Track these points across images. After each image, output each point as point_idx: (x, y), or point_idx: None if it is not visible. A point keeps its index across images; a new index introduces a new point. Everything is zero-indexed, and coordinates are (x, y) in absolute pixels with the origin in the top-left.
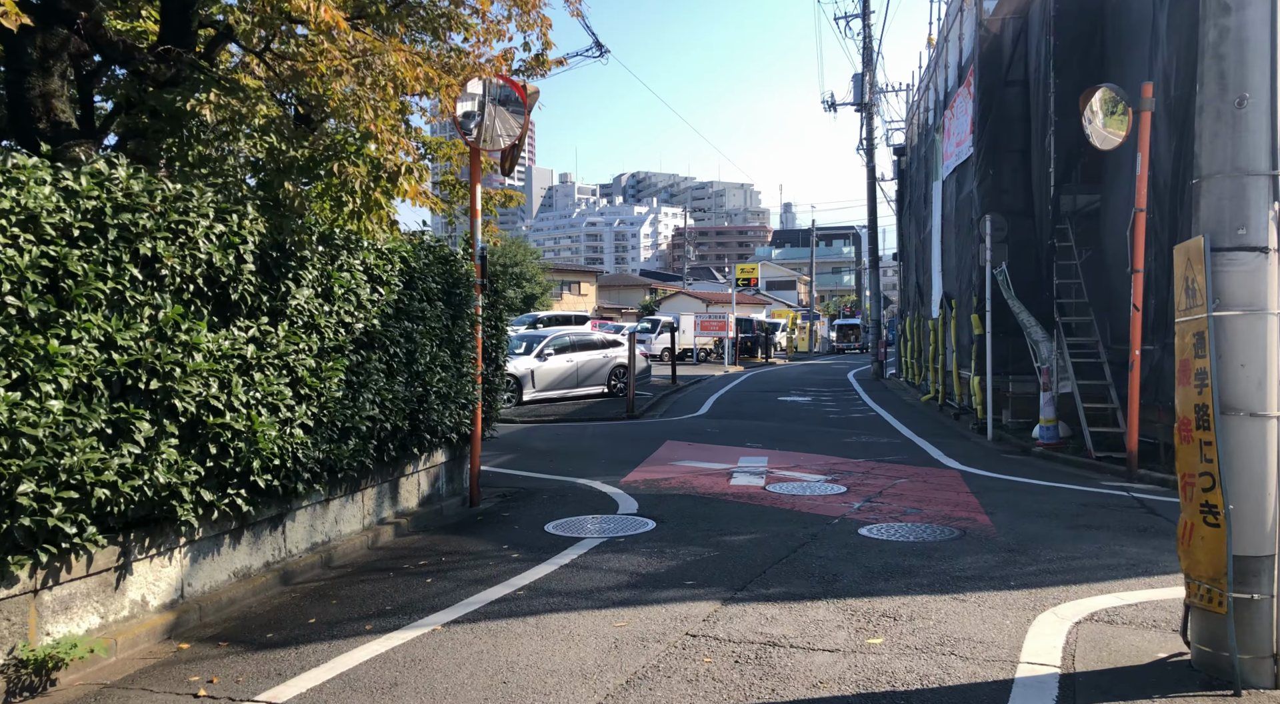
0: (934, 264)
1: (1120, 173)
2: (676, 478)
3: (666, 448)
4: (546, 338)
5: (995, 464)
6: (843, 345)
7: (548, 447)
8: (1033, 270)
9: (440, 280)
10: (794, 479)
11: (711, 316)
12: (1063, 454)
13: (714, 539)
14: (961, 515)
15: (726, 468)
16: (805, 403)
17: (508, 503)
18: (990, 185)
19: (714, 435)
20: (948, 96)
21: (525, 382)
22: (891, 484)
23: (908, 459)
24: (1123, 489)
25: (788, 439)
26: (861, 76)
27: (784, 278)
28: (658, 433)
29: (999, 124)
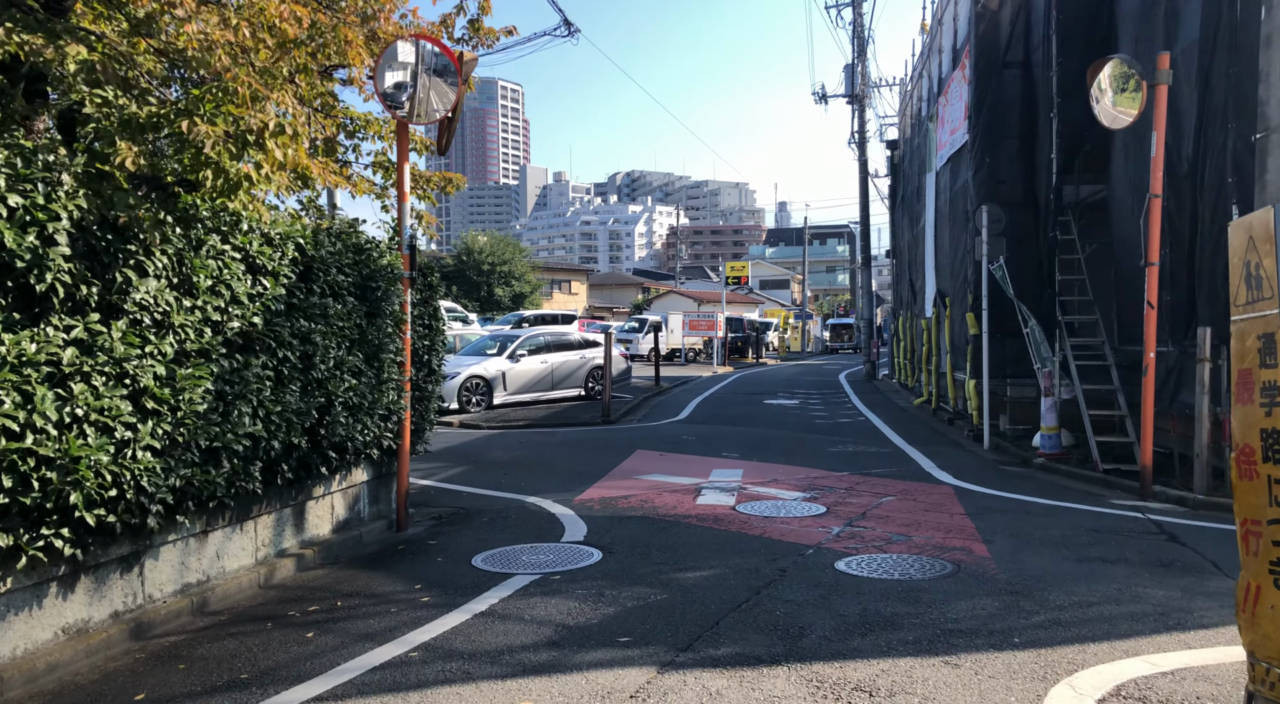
0: (927, 260)
1: (1129, 159)
2: (638, 495)
3: (635, 458)
4: (519, 338)
5: (992, 478)
6: (836, 345)
7: (506, 457)
8: (1033, 265)
9: (352, 272)
10: (769, 497)
11: (700, 316)
12: (1066, 466)
13: (666, 576)
14: (955, 544)
15: (695, 483)
16: (792, 407)
17: (440, 527)
18: (987, 174)
19: (689, 444)
20: (941, 83)
21: (496, 384)
22: (877, 503)
23: (897, 472)
24: (1137, 510)
25: (768, 448)
26: (853, 67)
27: (778, 277)
28: (629, 440)
29: (996, 108)
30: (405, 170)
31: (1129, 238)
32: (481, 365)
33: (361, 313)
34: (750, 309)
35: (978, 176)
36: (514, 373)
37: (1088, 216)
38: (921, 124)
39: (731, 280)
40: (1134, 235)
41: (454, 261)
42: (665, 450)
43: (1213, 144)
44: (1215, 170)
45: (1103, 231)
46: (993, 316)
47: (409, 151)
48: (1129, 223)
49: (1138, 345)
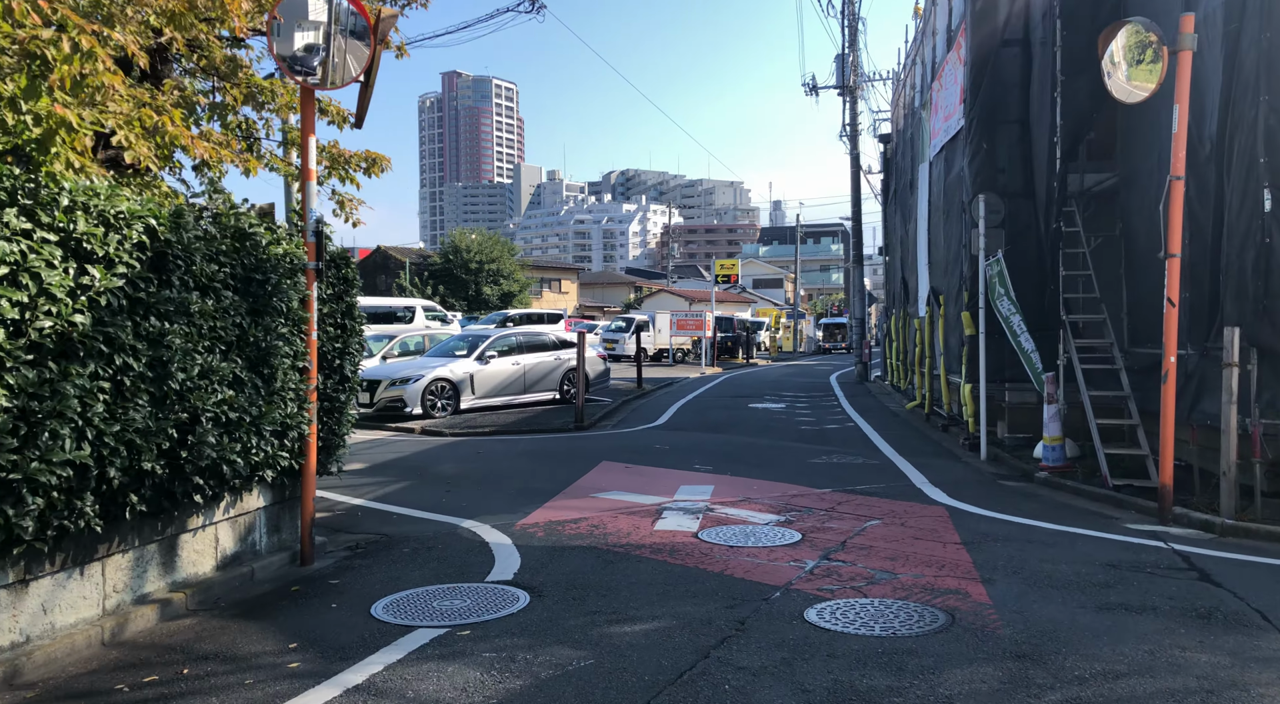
0: (920, 256)
1: (1141, 142)
2: (590, 519)
3: (598, 472)
4: (489, 338)
5: (991, 496)
6: (829, 345)
7: (457, 470)
8: (1034, 260)
9: (230, 262)
10: (737, 521)
11: (688, 315)
12: (1072, 481)
13: (598, 630)
14: (949, 585)
15: (658, 503)
16: (777, 411)
17: (353, 560)
18: (983, 161)
19: (661, 454)
20: (935, 67)
21: (463, 387)
22: (860, 529)
23: (885, 489)
24: (1156, 537)
25: (746, 459)
26: (844, 57)
27: (771, 276)
28: (598, 450)
29: (994, 90)
30: (311, 144)
31: (1140, 229)
32: (447, 367)
33: (243, 310)
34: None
35: (974, 164)
36: (483, 375)
37: (1093, 207)
38: (915, 114)
39: (721, 279)
40: (1146, 226)
41: (441, 260)
42: (633, 462)
43: (1241, 121)
44: (1244, 150)
45: (1110, 223)
46: (990, 315)
47: (314, 122)
48: (1141, 212)
49: (1151, 347)
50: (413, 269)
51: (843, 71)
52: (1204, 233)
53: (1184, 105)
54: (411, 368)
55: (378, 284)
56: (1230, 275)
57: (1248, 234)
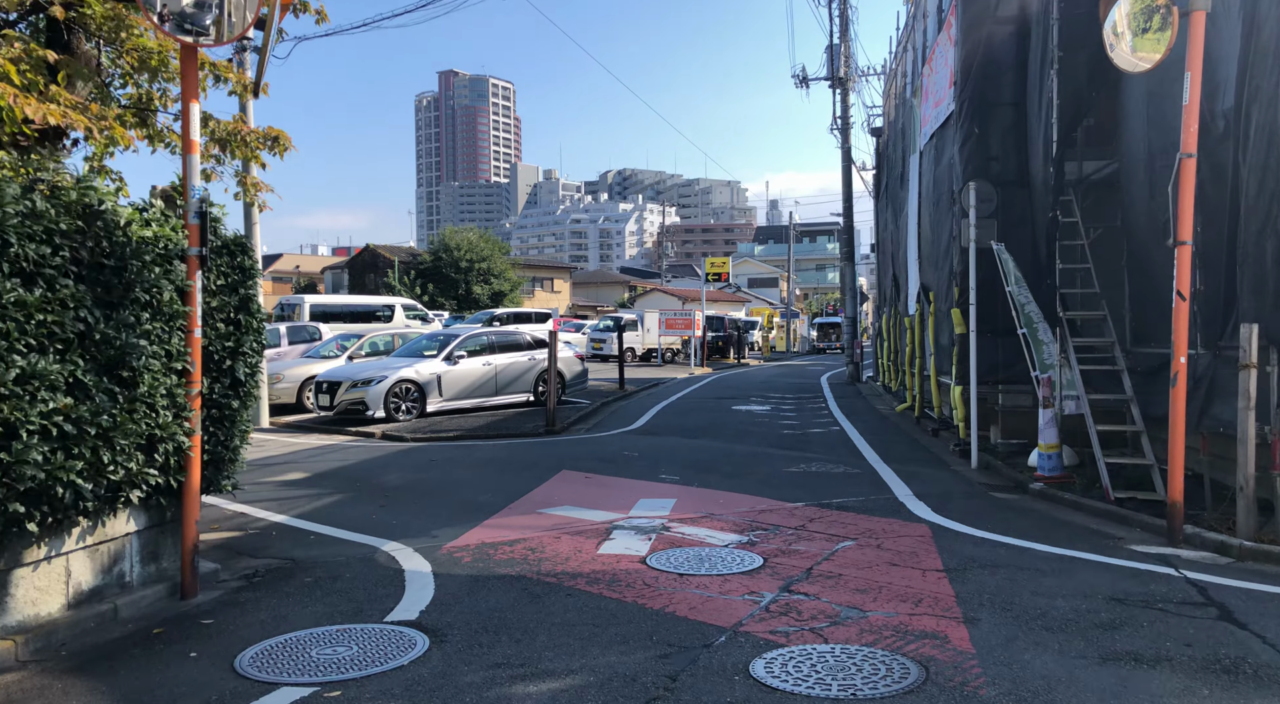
0: (909, 251)
1: (1146, 123)
2: (529, 540)
3: (554, 483)
4: (458, 337)
5: (980, 511)
6: (823, 345)
7: (402, 480)
8: (1029, 253)
9: (68, 244)
10: (694, 542)
11: (677, 314)
12: (1071, 493)
13: (496, 692)
14: (926, 627)
15: (610, 520)
16: (761, 414)
17: (240, 593)
18: (975, 147)
19: (628, 462)
20: (926, 52)
21: (429, 389)
22: (830, 552)
23: (864, 503)
24: (1166, 561)
25: (718, 468)
26: (836, 47)
27: (767, 275)
28: (562, 457)
29: (986, 70)
30: (193, 112)
31: (1144, 218)
32: (413, 368)
33: (89, 302)
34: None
35: (964, 150)
36: (451, 376)
37: (1092, 196)
38: (905, 103)
39: (712, 277)
40: (1150, 215)
41: (431, 258)
42: (597, 471)
43: (1260, 93)
44: (1263, 125)
45: (1110, 213)
46: (983, 313)
47: (196, 85)
48: (1144, 200)
49: (1155, 346)
50: (402, 268)
51: (833, 62)
52: (1217, 220)
53: (1196, 72)
54: (374, 369)
55: (367, 283)
56: (1247, 266)
57: (1267, 219)
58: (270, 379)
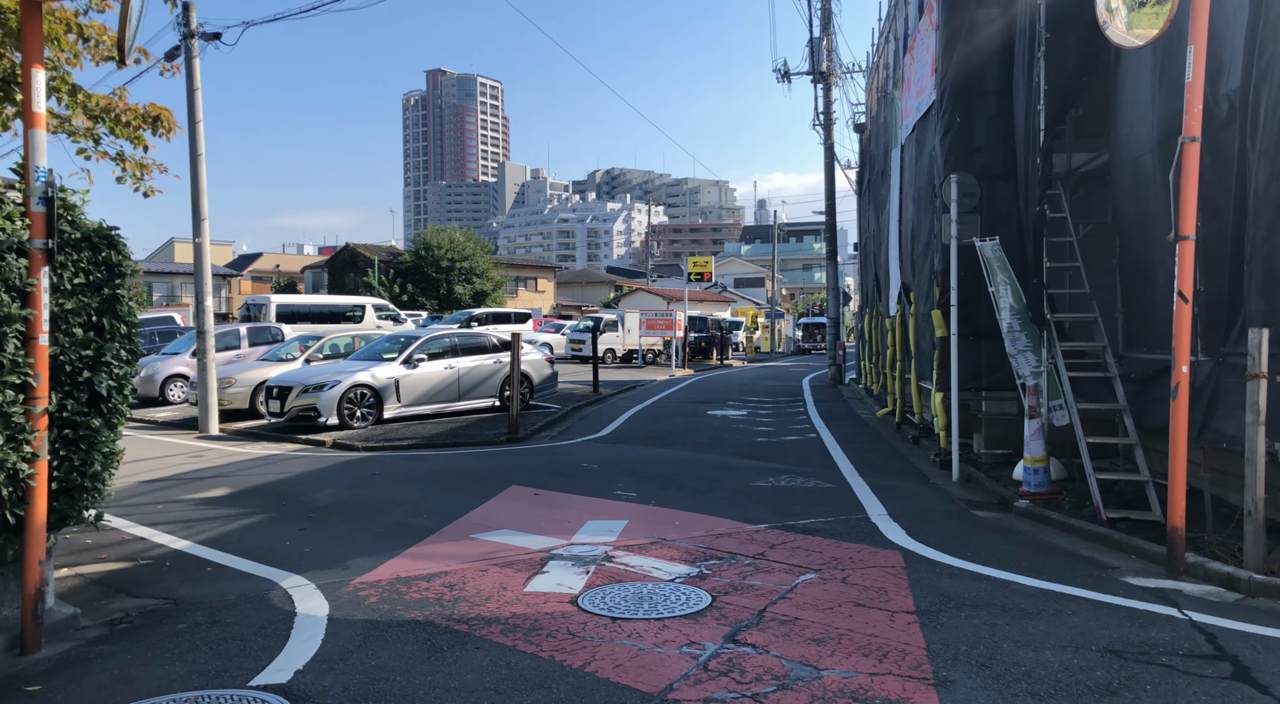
0: (890, 250)
1: (1140, 110)
2: (452, 573)
3: (500, 500)
4: (419, 339)
5: (960, 535)
6: (808, 345)
7: (334, 497)
8: (1014, 251)
9: None
10: (636, 575)
11: (658, 315)
12: (1059, 513)
13: None
14: (889, 694)
15: (548, 547)
16: (737, 419)
17: (95, 646)
18: (957, 137)
19: (585, 475)
20: (907, 39)
21: (386, 394)
22: (789, 588)
23: (832, 524)
24: (1168, 600)
25: (681, 482)
26: (817, 40)
27: (753, 275)
28: (516, 470)
29: (969, 56)
30: (36, 79)
31: (1138, 213)
32: (369, 372)
33: None
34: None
35: (946, 140)
36: (410, 381)
37: (1081, 191)
38: (887, 97)
39: (694, 276)
40: (1145, 209)
41: (411, 258)
42: (550, 486)
43: (1271, 70)
44: (1274, 106)
45: (1100, 209)
46: (965, 314)
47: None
48: (1138, 194)
49: (1150, 351)
50: (382, 267)
51: (814, 56)
52: (1221, 213)
53: (1201, 46)
54: (328, 373)
55: (346, 282)
56: (1256, 264)
57: (1278, 213)
58: (221, 383)
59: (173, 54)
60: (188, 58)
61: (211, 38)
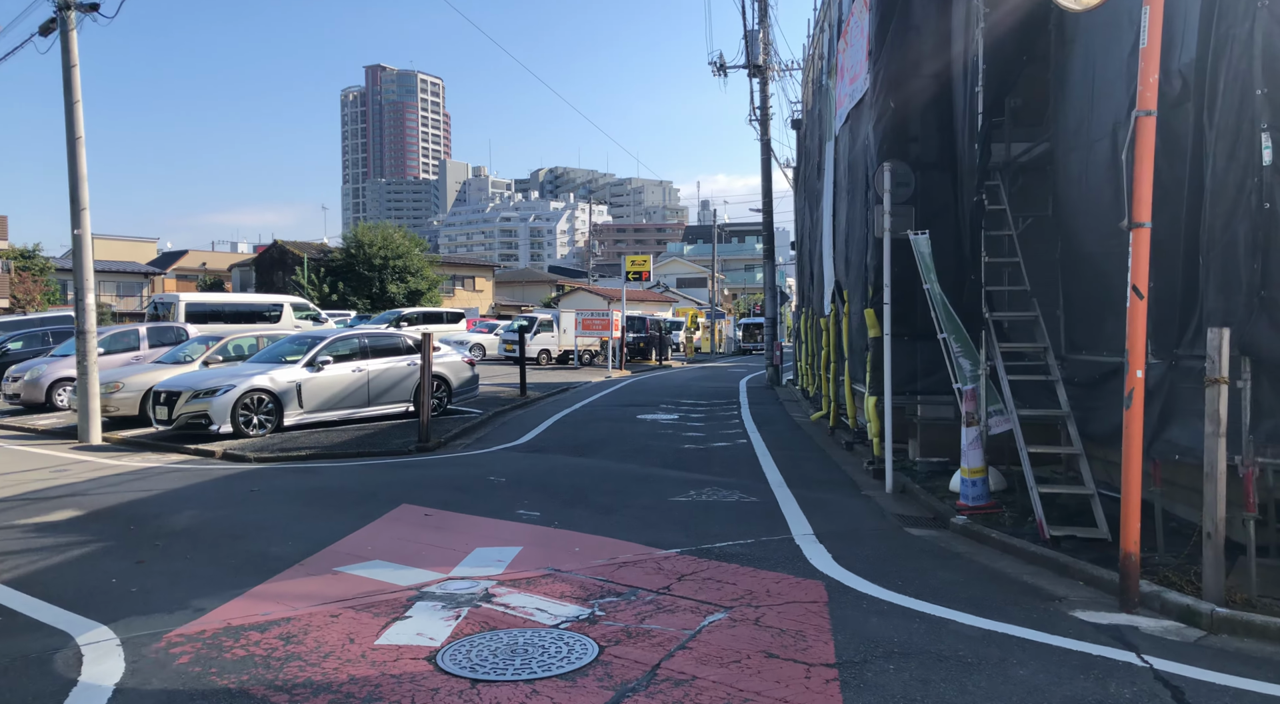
0: (824, 245)
1: (1083, 95)
2: (294, 621)
3: (383, 523)
4: (325, 340)
5: (892, 559)
6: (749, 346)
7: (194, 520)
8: (951, 247)
9: None
10: (515, 619)
11: (594, 314)
12: (999, 531)
13: None
14: None
15: (421, 584)
16: (667, 424)
17: None
18: (891, 123)
19: (489, 491)
20: (841, 23)
21: (287, 399)
22: (693, 634)
23: (753, 548)
24: (1124, 641)
25: (594, 498)
26: (753, 32)
27: (696, 275)
28: (414, 484)
29: (904, 37)
30: None
31: (1081, 205)
32: (268, 376)
33: None
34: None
35: (880, 127)
36: (315, 385)
37: (1021, 182)
38: (823, 89)
39: (632, 275)
40: (1089, 201)
41: (342, 255)
42: (446, 504)
43: (1230, 37)
44: (1234, 79)
45: (1040, 202)
46: (899, 313)
47: None
48: (1082, 184)
49: (1095, 353)
50: (312, 265)
51: (750, 48)
52: (1173, 202)
53: (1157, 6)
54: (221, 377)
55: (275, 281)
56: (1213, 255)
57: (1239, 198)
58: (106, 387)
59: (48, 28)
60: (63, 31)
61: (89, 9)
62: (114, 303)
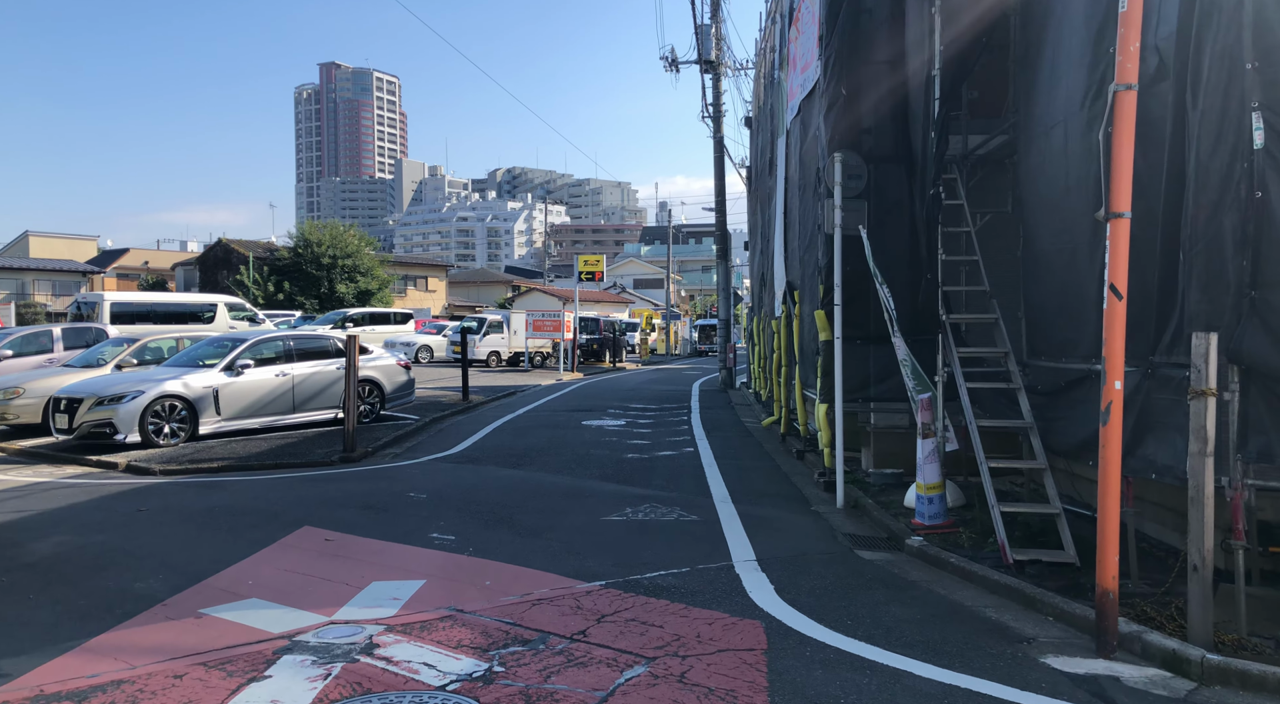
0: (775, 244)
1: (1048, 80)
2: (127, 685)
3: (275, 550)
4: (246, 342)
5: (841, 592)
6: (706, 347)
7: (58, 547)
8: (907, 245)
9: None
10: (395, 678)
11: (545, 315)
12: (958, 555)
13: None
14: None
15: (297, 629)
16: (612, 431)
17: None
18: (843, 112)
19: (404, 509)
20: (793, 10)
21: (203, 406)
22: (602, 699)
23: (685, 579)
24: (1104, 699)
25: (519, 517)
26: (705, 27)
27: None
28: (321, 502)
29: (856, 20)
30: None
31: (1046, 199)
32: (181, 381)
33: None
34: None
35: (830, 116)
36: (234, 390)
37: (979, 175)
38: (775, 82)
39: (585, 275)
40: (1055, 195)
41: (289, 254)
42: (353, 526)
43: (1215, 8)
44: (1220, 54)
45: (999, 197)
46: (851, 315)
47: None
48: (1047, 177)
49: (1058, 360)
50: (258, 264)
51: (702, 43)
52: (1149, 194)
53: None
54: (129, 382)
55: (219, 280)
56: (1197, 253)
57: (1226, 186)
58: (5, 393)
59: None
60: None
61: None
62: (49, 302)
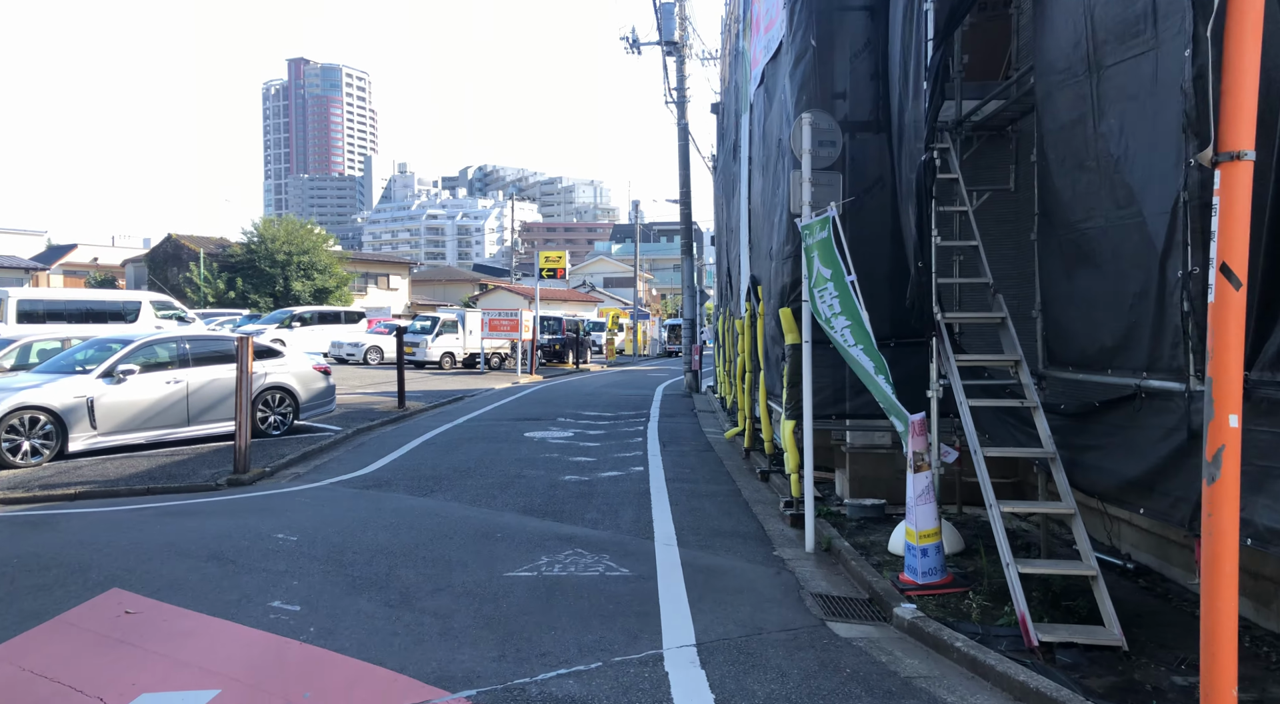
0: (740, 236)
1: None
2: None
3: (43, 632)
4: (131, 345)
5: (806, 701)
6: (675, 347)
7: None
8: (889, 226)
9: None
10: None
11: (501, 314)
12: (965, 630)
13: None
14: None
15: None
16: (556, 444)
17: None
18: (812, 67)
19: (258, 559)
20: None
21: (74, 419)
22: None
23: (591, 685)
24: None
25: (394, 573)
26: (670, 7)
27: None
28: (160, 548)
29: None
30: None
31: (1070, 167)
32: (45, 390)
33: None
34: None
35: (798, 72)
36: (114, 400)
37: (976, 146)
38: (739, 54)
39: (547, 273)
40: (1080, 161)
41: (242, 250)
42: (173, 588)
43: None
44: None
45: (998, 173)
46: None
47: None
48: (1070, 138)
49: (1093, 372)
50: (209, 260)
51: (668, 24)
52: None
53: None
54: None
55: (169, 277)
56: None
57: None
58: None
59: None
60: None
61: None
62: None
